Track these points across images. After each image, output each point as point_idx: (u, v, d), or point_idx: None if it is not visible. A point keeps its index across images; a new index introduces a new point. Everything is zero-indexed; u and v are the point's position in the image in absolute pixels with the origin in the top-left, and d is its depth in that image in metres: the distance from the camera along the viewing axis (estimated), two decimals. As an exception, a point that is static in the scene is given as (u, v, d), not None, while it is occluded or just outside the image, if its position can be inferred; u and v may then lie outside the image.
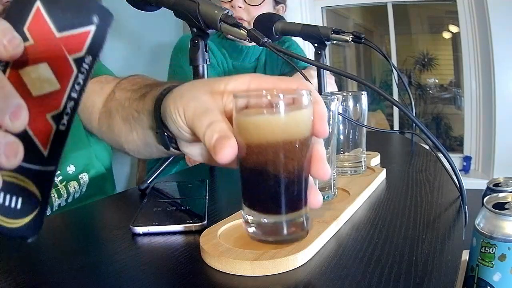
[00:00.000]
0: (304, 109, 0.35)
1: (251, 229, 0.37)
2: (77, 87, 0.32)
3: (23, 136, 0.29)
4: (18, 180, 0.31)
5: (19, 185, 0.31)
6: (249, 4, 1.17)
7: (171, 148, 0.46)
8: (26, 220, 0.32)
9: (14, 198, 0.31)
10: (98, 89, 0.71)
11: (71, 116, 0.32)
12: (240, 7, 1.15)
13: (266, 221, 0.36)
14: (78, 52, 0.31)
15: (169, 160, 0.67)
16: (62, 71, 0.30)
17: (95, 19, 0.31)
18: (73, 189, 0.73)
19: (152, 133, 0.47)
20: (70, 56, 0.31)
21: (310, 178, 0.38)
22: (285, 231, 0.36)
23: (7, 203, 0.31)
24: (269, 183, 0.35)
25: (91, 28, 0.31)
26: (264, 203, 0.36)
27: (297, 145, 0.35)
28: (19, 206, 0.32)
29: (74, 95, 0.32)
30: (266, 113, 0.34)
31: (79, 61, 0.31)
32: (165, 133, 0.44)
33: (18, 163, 0.28)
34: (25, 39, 0.29)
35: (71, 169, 0.73)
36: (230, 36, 1.11)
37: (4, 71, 0.29)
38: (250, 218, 0.37)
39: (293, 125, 0.35)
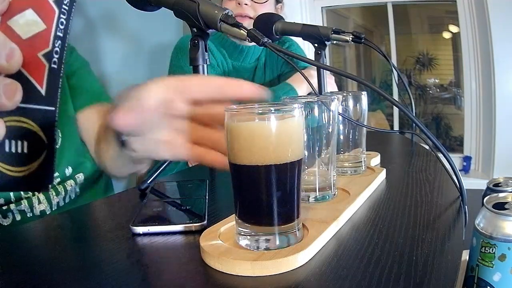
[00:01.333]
0: (296, 119, 0.36)
1: (244, 242, 0.37)
2: (61, 27, 0.34)
3: (19, 78, 0.30)
4: (21, 123, 0.32)
5: (23, 128, 0.32)
6: (255, 2, 1.17)
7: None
8: (35, 164, 0.33)
9: (19, 143, 0.32)
10: (96, 119, 0.80)
11: (61, 55, 0.34)
12: (246, 4, 1.16)
13: (259, 233, 0.37)
14: None
15: (169, 160, 0.67)
16: (45, 13, 0.33)
17: None
18: (70, 187, 0.75)
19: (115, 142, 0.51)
20: None
21: None
22: (277, 242, 0.37)
23: (13, 149, 0.32)
24: (261, 196, 0.36)
25: None
26: (257, 216, 0.37)
27: (289, 154, 0.35)
28: (25, 149, 0.32)
29: (59, 34, 0.34)
30: (258, 120, 0.35)
31: (59, 2, 0.34)
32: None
33: (18, 102, 0.29)
34: None
35: (68, 171, 0.75)
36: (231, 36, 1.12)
37: None
38: (243, 230, 0.37)
39: (284, 134, 0.35)
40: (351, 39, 0.86)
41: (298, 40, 1.26)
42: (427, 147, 0.85)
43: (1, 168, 0.32)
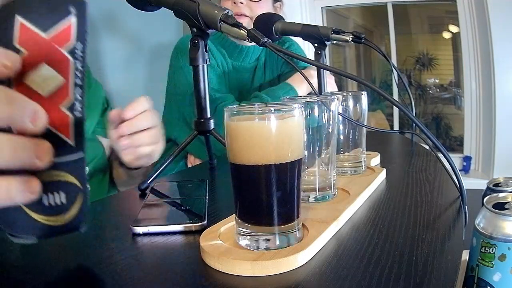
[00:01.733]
0: (296, 119, 0.36)
1: (244, 242, 0.37)
2: (78, 74, 0.34)
3: (47, 135, 0.31)
4: (56, 177, 0.33)
5: (59, 181, 0.33)
6: (250, 0, 1.17)
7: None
8: (74, 211, 0.35)
9: (57, 195, 0.33)
10: None
11: (82, 102, 0.34)
12: (241, 3, 1.16)
13: (259, 233, 0.37)
14: (68, 42, 0.33)
15: (169, 160, 0.67)
16: (61, 65, 0.33)
17: (72, 9, 0.33)
18: None
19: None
20: (62, 49, 0.33)
21: None
22: (277, 242, 0.37)
23: (52, 202, 0.33)
24: (261, 196, 0.36)
25: (72, 19, 0.33)
26: (257, 216, 0.37)
27: (289, 153, 0.35)
28: (64, 200, 0.34)
29: (78, 81, 0.34)
30: (258, 120, 0.35)
31: (72, 51, 0.33)
32: None
33: (51, 160, 0.30)
34: (19, 52, 0.31)
35: None
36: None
37: (10, 86, 0.31)
38: (243, 230, 0.37)
39: (284, 133, 0.35)
40: (351, 39, 0.86)
41: (298, 40, 1.26)
42: (427, 147, 0.85)
43: (43, 220, 0.33)
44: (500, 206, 0.39)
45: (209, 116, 0.70)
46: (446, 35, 2.44)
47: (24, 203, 0.32)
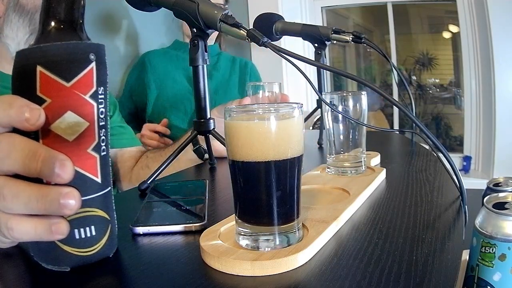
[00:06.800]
0: (295, 120, 0.37)
1: (244, 242, 0.37)
2: (101, 116, 0.35)
3: (76, 176, 0.32)
4: (86, 213, 0.34)
5: (88, 216, 0.35)
6: None
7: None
8: (103, 241, 0.36)
9: (87, 229, 0.35)
10: (136, 155, 1.02)
11: (107, 140, 0.36)
12: None
13: (259, 233, 0.37)
14: (90, 89, 0.34)
15: (169, 161, 0.67)
16: (85, 111, 0.33)
17: (92, 56, 0.34)
18: None
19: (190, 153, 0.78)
20: (85, 96, 0.33)
21: None
22: (277, 242, 0.37)
23: (83, 235, 0.35)
24: (261, 195, 0.36)
25: (92, 65, 0.34)
26: (257, 215, 0.37)
27: (289, 150, 0.35)
28: (94, 232, 0.35)
29: (102, 123, 0.35)
30: (258, 120, 0.35)
31: (94, 96, 0.34)
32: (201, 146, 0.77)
33: (80, 204, 0.32)
34: (42, 101, 0.31)
35: None
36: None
37: (37, 137, 0.32)
38: (243, 230, 0.37)
39: (283, 131, 0.35)
40: (351, 39, 0.86)
41: (298, 39, 1.26)
42: (427, 147, 0.85)
43: (75, 252, 0.35)
44: (500, 206, 0.39)
45: (209, 116, 0.70)
46: (446, 35, 2.44)
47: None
